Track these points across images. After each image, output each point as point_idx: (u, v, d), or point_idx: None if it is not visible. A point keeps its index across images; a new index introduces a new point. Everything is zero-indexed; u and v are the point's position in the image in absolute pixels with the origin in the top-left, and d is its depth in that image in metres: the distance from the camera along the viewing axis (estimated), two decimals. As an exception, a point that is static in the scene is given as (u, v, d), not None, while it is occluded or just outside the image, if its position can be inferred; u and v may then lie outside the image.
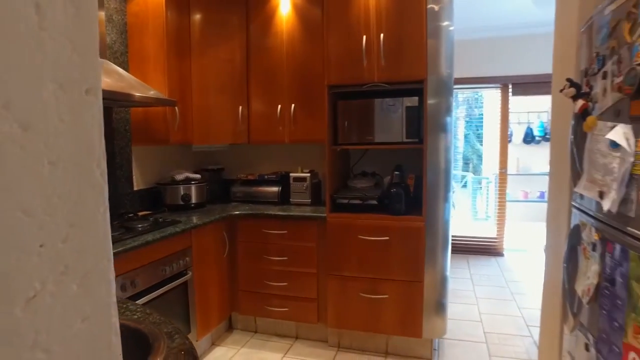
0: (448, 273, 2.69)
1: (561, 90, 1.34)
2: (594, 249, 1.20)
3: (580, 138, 1.32)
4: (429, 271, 2.58)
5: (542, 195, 6.48)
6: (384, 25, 2.50)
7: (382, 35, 2.50)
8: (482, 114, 7.14)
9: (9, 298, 0.33)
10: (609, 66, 1.11)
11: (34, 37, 0.35)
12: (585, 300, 1.22)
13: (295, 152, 3.28)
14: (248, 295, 2.85)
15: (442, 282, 2.64)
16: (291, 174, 3.06)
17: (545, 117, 6.42)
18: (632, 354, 0.96)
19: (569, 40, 1.50)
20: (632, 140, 0.98)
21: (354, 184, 2.95)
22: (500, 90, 4.79)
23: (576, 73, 1.42)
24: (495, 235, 5.03)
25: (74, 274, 0.39)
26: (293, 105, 2.95)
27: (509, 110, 4.83)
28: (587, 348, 1.23)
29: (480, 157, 7.50)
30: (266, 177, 3.16)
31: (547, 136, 6.40)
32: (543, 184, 6.48)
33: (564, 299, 1.45)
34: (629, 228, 0.99)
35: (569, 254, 1.41)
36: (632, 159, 0.98)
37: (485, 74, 4.58)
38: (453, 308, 3.26)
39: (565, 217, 1.56)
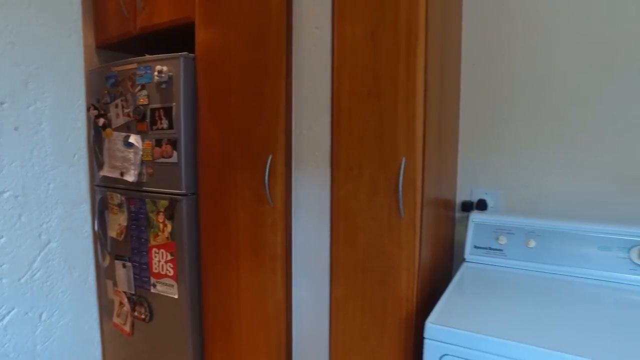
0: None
1: (88, 110, 2.15)
2: (120, 207, 2.14)
3: (99, 141, 2.21)
4: None
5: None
6: None
7: None
8: None
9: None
10: (119, 102, 2.07)
11: None
12: (120, 238, 2.15)
13: None
14: None
15: None
16: None
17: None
18: (154, 249, 2.01)
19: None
20: (140, 142, 2.00)
21: None
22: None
23: (87, 100, 2.28)
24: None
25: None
26: None
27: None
28: (124, 266, 2.17)
29: None
30: None
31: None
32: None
33: (99, 247, 2.30)
34: (144, 187, 2.02)
35: (99, 217, 2.27)
36: (141, 152, 2.00)
37: None
38: None
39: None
